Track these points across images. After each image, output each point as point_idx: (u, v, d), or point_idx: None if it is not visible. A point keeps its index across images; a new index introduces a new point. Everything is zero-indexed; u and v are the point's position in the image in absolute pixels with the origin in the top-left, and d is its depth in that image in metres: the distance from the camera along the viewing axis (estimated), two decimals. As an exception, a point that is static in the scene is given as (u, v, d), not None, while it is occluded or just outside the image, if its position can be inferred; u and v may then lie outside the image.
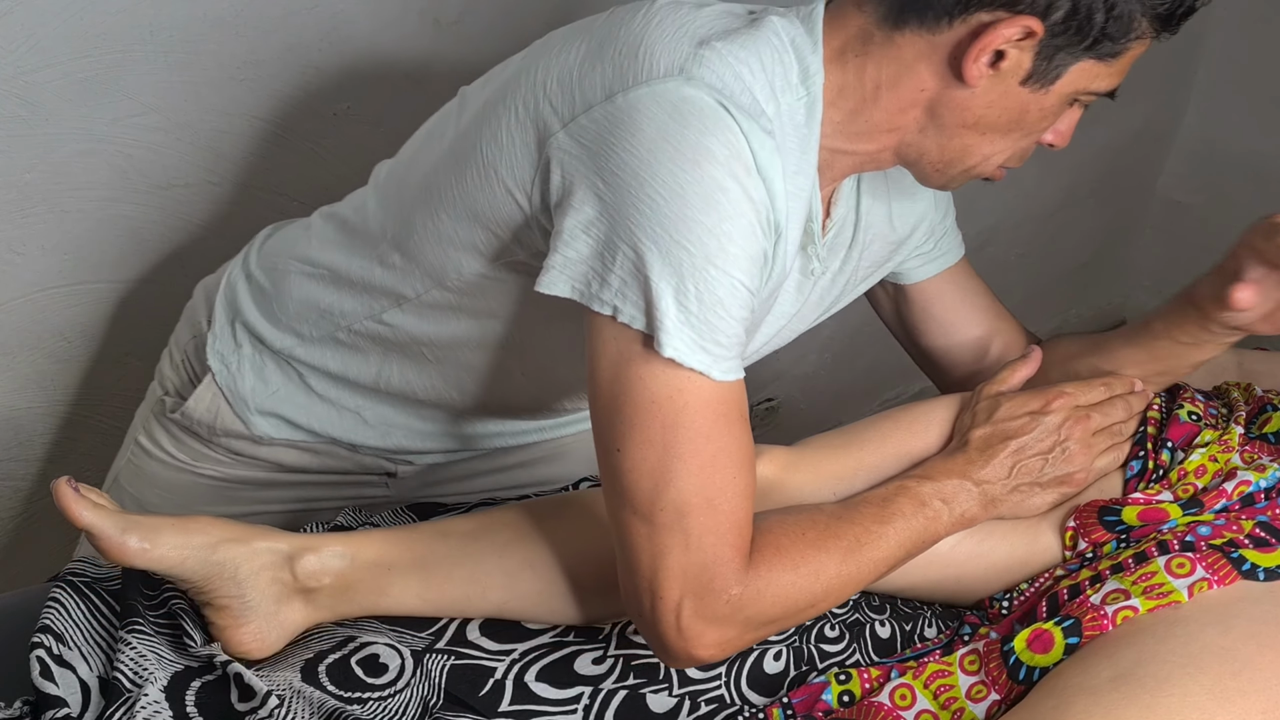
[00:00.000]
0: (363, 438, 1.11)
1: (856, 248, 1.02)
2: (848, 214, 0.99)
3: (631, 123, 0.77)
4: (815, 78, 0.84)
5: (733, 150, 0.77)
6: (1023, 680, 0.86)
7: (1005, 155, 0.90)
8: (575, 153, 0.80)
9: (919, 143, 0.88)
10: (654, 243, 0.76)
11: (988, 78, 0.82)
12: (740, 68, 0.80)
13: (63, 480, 0.85)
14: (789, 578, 0.84)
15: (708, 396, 0.79)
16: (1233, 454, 0.97)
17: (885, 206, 1.02)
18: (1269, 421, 1.03)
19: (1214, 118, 2.38)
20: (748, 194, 0.78)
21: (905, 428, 1.01)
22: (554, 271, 0.80)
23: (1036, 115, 0.86)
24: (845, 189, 0.98)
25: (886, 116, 0.86)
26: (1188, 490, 0.95)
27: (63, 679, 0.85)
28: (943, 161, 0.89)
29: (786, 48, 0.83)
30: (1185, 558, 0.88)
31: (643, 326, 0.78)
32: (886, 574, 0.91)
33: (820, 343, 2.18)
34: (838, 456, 1.00)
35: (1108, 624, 0.85)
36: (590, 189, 0.79)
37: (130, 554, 0.86)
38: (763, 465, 0.98)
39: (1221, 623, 0.82)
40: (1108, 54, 0.84)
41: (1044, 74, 0.83)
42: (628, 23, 0.83)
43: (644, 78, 0.79)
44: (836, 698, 0.91)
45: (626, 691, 0.92)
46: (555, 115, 0.82)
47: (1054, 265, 2.48)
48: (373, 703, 0.89)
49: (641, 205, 0.76)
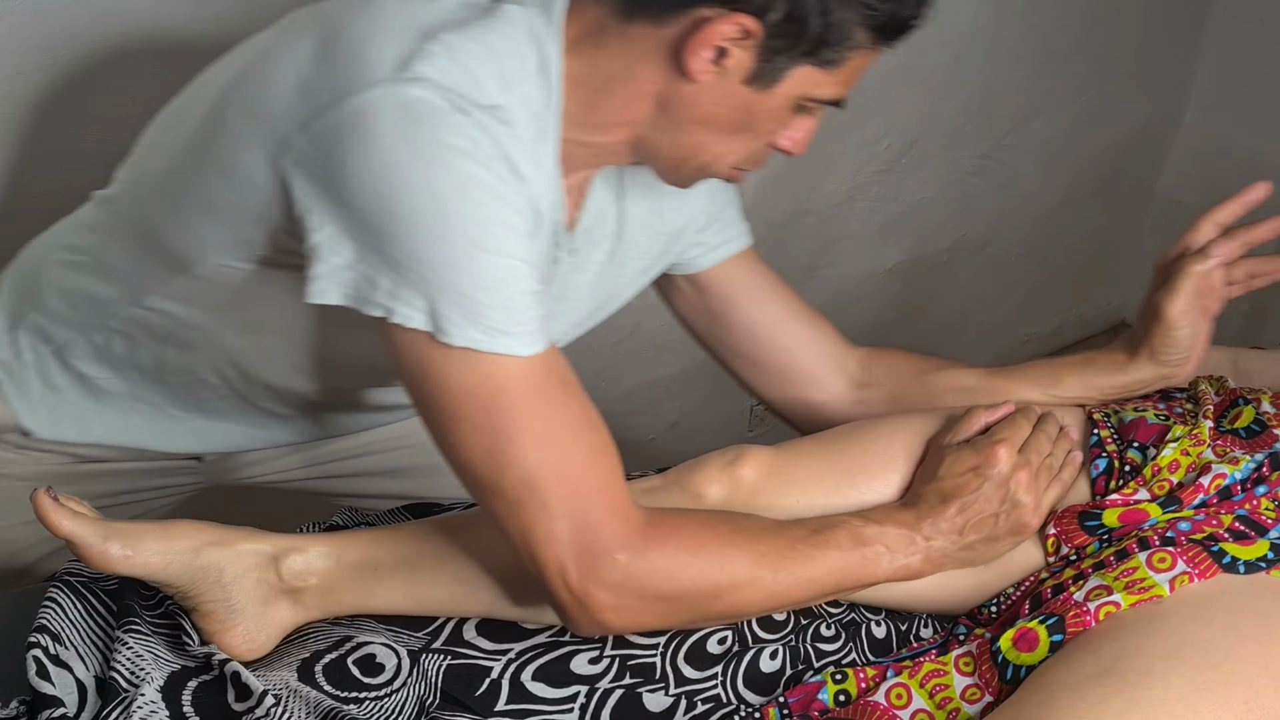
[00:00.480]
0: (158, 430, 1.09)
1: (624, 239, 1.01)
2: (606, 205, 0.98)
3: (364, 128, 0.76)
4: (553, 67, 0.83)
5: (473, 141, 0.77)
6: (1010, 680, 0.87)
7: (738, 156, 0.90)
8: (314, 158, 0.79)
9: (652, 138, 0.88)
10: (416, 243, 0.76)
11: (712, 75, 0.82)
12: (468, 60, 0.79)
13: (41, 490, 0.84)
14: (685, 559, 0.85)
15: (518, 374, 0.80)
16: (1204, 447, 0.97)
17: (654, 198, 1.01)
18: (1240, 416, 1.03)
19: (1214, 118, 2.38)
20: (499, 176, 0.78)
21: (892, 435, 1.02)
22: (321, 280, 0.79)
23: (763, 117, 0.86)
24: (603, 179, 0.97)
25: (619, 109, 0.86)
26: (1164, 487, 0.95)
27: (59, 679, 0.85)
28: (675, 158, 0.89)
29: (523, 37, 0.82)
30: (1166, 552, 0.88)
31: (426, 325, 0.78)
32: (815, 599, 0.92)
33: (820, 343, 2.18)
34: (823, 462, 1.00)
35: (1091, 620, 0.86)
36: (337, 198, 0.78)
37: (113, 561, 0.86)
38: (745, 468, 0.98)
39: (1202, 616, 0.82)
40: (828, 61, 0.83)
41: (765, 75, 0.83)
42: (356, 15, 0.81)
43: (371, 79, 0.77)
44: (833, 697, 0.91)
45: (623, 691, 0.92)
46: (290, 118, 0.80)
47: (1054, 265, 2.48)
48: (369, 702, 0.89)
49: (395, 209, 0.76)
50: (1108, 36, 2.16)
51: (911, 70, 1.90)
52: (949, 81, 1.98)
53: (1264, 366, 1.18)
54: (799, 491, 0.98)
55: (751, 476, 0.98)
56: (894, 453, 1.00)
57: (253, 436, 1.12)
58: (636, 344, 1.87)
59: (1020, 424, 0.98)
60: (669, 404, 2.01)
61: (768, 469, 0.99)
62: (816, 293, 2.10)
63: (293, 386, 1.04)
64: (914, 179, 2.07)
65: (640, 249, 1.03)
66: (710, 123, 0.86)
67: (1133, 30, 2.20)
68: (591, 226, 0.97)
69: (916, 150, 2.03)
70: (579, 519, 0.82)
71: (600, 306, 1.06)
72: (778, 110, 0.86)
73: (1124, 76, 2.25)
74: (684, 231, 1.06)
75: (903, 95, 1.93)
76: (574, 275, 0.99)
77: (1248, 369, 1.18)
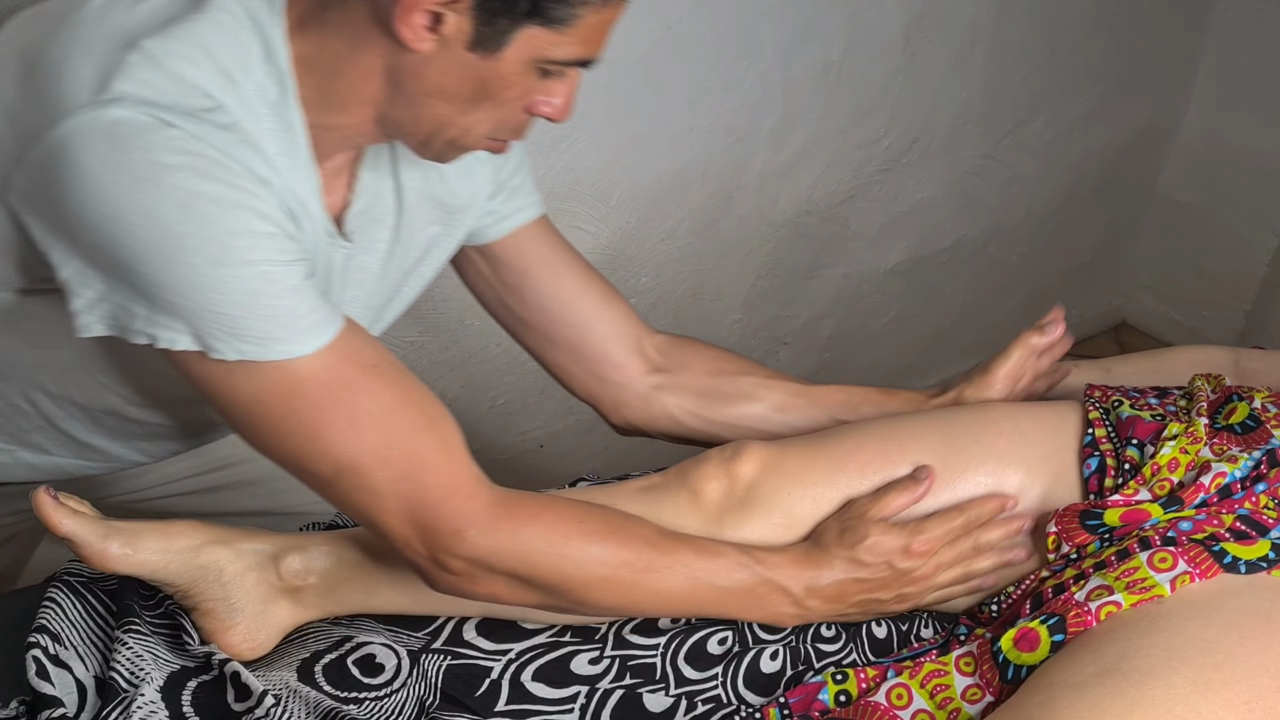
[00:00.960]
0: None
1: (406, 214, 0.97)
2: (379, 182, 0.94)
3: (71, 162, 0.72)
4: (280, 52, 0.79)
5: (189, 154, 0.73)
6: (1011, 680, 0.87)
7: (487, 126, 0.85)
8: (35, 195, 0.75)
9: (393, 114, 0.84)
10: (155, 271, 0.73)
11: (432, 43, 0.78)
12: (176, 63, 0.74)
13: (42, 489, 0.85)
14: (539, 546, 0.85)
15: (308, 372, 0.78)
16: (1202, 445, 0.97)
17: (434, 172, 0.97)
18: (1234, 412, 1.03)
19: (1214, 118, 2.38)
20: (227, 184, 0.74)
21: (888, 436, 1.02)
22: (83, 315, 0.77)
23: (499, 84, 0.81)
24: (372, 158, 0.93)
25: (352, 88, 0.82)
26: (1164, 487, 0.95)
27: (59, 679, 0.85)
28: (421, 133, 0.85)
29: (243, 25, 0.78)
30: (1167, 552, 0.88)
31: (194, 345, 0.76)
32: (677, 615, 0.93)
33: (820, 343, 2.19)
34: (820, 456, 1.00)
35: (1092, 620, 0.85)
36: (67, 234, 0.75)
37: (112, 560, 0.86)
38: (744, 463, 0.98)
39: (1203, 616, 0.82)
40: (556, 20, 0.78)
41: (489, 40, 0.78)
42: (54, 32, 0.76)
43: (69, 106, 0.72)
44: (833, 697, 0.91)
45: (623, 691, 0.92)
46: (5, 154, 0.76)
47: (1054, 265, 2.48)
48: (369, 702, 0.89)
49: (124, 241, 0.73)
50: (1108, 36, 2.16)
51: (911, 70, 1.90)
52: (949, 81, 1.98)
53: (1266, 366, 1.18)
54: (795, 484, 0.98)
55: (750, 471, 0.98)
56: (889, 446, 1.00)
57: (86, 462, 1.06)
58: (636, 344, 1.87)
59: (955, 520, 0.97)
60: (669, 404, 2.01)
61: (765, 464, 0.99)
62: (817, 292, 2.10)
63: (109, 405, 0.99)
64: (914, 179, 2.07)
65: (424, 221, 0.99)
66: (444, 94, 0.82)
67: (1133, 30, 2.19)
68: (367, 208, 0.94)
69: (917, 150, 2.03)
70: (412, 500, 0.82)
71: (399, 288, 1.02)
72: (514, 76, 0.81)
73: (1124, 76, 2.25)
74: (472, 201, 1.02)
75: (903, 95, 1.93)
76: (360, 258, 0.95)
77: (1250, 369, 1.18)
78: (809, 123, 1.84)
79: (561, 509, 0.88)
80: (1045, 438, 1.01)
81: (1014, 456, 1.00)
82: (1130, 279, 2.68)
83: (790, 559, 0.94)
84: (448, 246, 1.04)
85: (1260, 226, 2.37)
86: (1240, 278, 2.44)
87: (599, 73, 1.54)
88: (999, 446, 1.00)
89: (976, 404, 1.12)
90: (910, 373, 2.42)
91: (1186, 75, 2.37)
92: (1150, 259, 2.63)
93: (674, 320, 1.89)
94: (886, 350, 2.32)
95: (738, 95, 1.72)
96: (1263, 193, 2.33)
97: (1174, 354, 1.26)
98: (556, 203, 1.63)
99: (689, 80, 1.66)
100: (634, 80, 1.59)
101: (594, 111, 1.58)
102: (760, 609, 0.93)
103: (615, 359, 1.12)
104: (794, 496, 0.98)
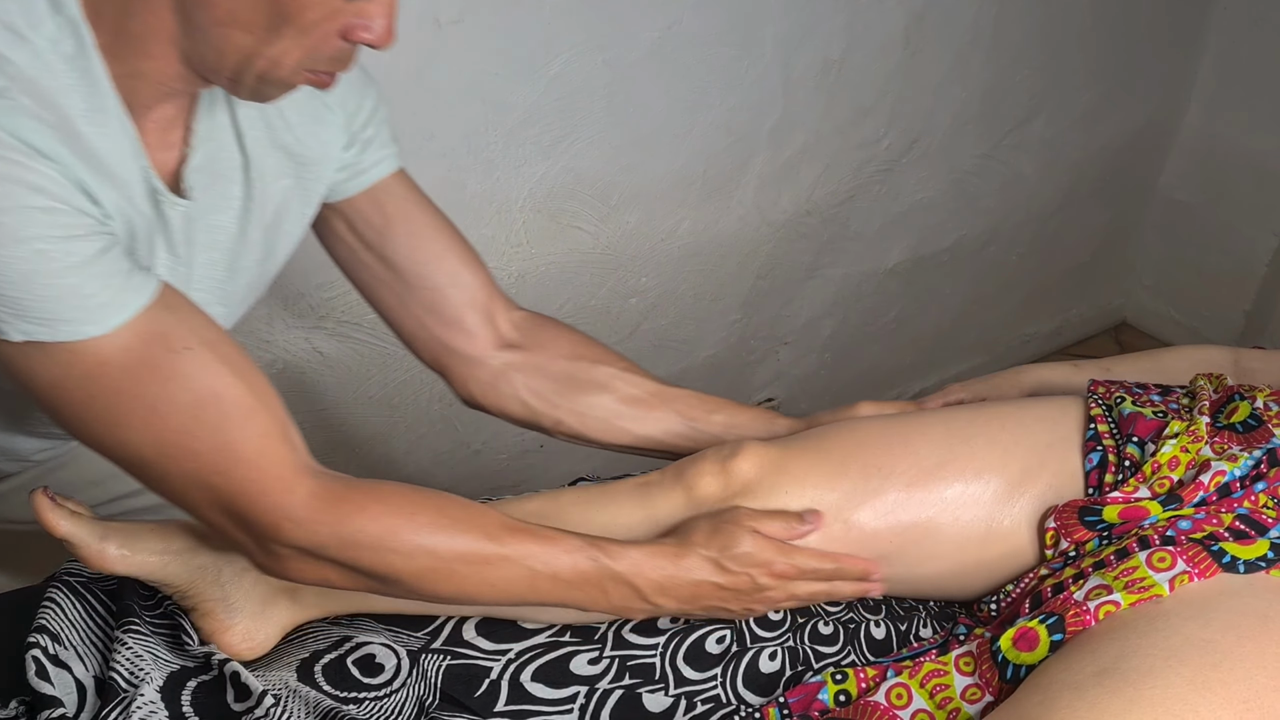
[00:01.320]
0: None
1: (254, 167, 0.92)
2: (219, 134, 0.89)
3: None
4: (66, 1, 0.74)
5: None
6: (1011, 679, 0.87)
7: (298, 56, 0.78)
8: None
9: (195, 51, 0.78)
10: None
11: None
12: None
13: (40, 490, 0.85)
14: (363, 539, 0.81)
15: (105, 354, 0.74)
16: (1202, 444, 0.97)
17: (277, 120, 0.92)
18: (1236, 411, 1.03)
19: (1214, 118, 2.38)
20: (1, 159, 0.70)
21: (889, 436, 1.02)
22: None
23: (293, 6, 0.76)
24: (208, 108, 0.87)
25: (146, 27, 0.77)
26: (1164, 485, 0.95)
27: (59, 679, 0.85)
28: (227, 69, 0.79)
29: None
30: (1166, 552, 0.88)
31: None
32: (521, 604, 0.90)
33: (820, 343, 2.19)
34: (822, 461, 1.00)
35: (1090, 619, 0.86)
36: None
37: (110, 561, 0.86)
38: (743, 462, 0.98)
39: (1202, 615, 0.83)
40: None
41: None
42: None
43: None
44: (833, 697, 0.91)
45: (622, 691, 0.92)
46: None
47: (1054, 265, 2.48)
48: (369, 702, 0.89)
49: None
50: (1108, 36, 2.16)
51: (911, 70, 1.90)
52: (949, 81, 1.98)
53: (1266, 366, 1.18)
54: (794, 485, 0.98)
55: (749, 471, 0.98)
56: (894, 445, 1.00)
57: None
58: (637, 344, 1.87)
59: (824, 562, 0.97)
60: (669, 404, 2.01)
61: (764, 463, 0.99)
62: (817, 292, 2.10)
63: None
64: (914, 179, 2.07)
65: (275, 173, 0.94)
66: (238, 21, 0.76)
67: (1133, 30, 2.19)
68: (208, 162, 0.88)
69: (917, 150, 2.03)
70: (224, 493, 0.78)
71: (269, 247, 0.97)
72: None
73: (1124, 76, 2.25)
74: (325, 153, 0.97)
75: (903, 95, 1.93)
76: (212, 217, 0.90)
77: (1250, 368, 1.18)
78: (809, 123, 1.84)
79: (391, 500, 0.84)
80: (1048, 429, 1.01)
81: (1017, 447, 1.00)
82: (1130, 279, 2.68)
83: (645, 554, 0.92)
84: (307, 201, 0.99)
85: (1260, 226, 2.37)
86: (1240, 278, 2.44)
87: (599, 73, 1.55)
88: (1002, 438, 1.00)
89: (978, 402, 1.12)
90: (910, 373, 2.42)
91: (1186, 75, 2.36)
92: (1150, 259, 2.63)
93: (674, 320, 1.89)
94: (886, 350, 2.32)
95: (738, 95, 1.72)
96: (1263, 193, 2.33)
97: (1174, 354, 1.26)
98: (556, 203, 1.63)
99: (689, 80, 1.65)
100: (634, 80, 1.59)
101: (594, 111, 1.58)
102: (606, 601, 0.91)
103: (467, 328, 1.07)
104: (790, 496, 0.98)
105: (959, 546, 0.98)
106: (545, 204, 1.62)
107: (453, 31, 1.39)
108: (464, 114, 1.46)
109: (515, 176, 1.56)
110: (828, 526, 0.98)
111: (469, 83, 1.44)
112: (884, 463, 0.99)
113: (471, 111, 1.46)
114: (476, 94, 1.45)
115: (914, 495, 0.98)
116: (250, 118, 0.90)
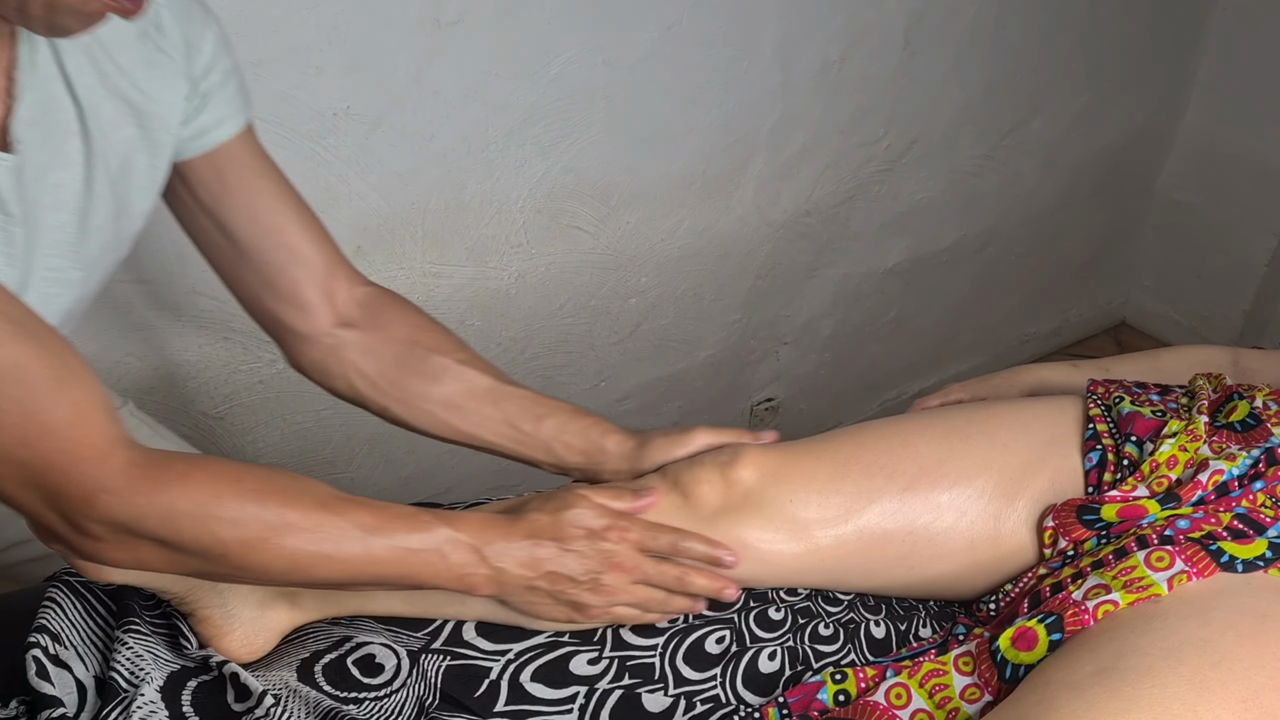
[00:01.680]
0: None
1: (91, 118, 0.86)
2: (48, 85, 0.84)
3: None
4: None
5: None
6: (1009, 679, 0.87)
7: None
8: None
9: None
10: None
11: None
12: None
13: None
14: (185, 507, 0.78)
15: None
16: (1201, 443, 0.97)
17: (108, 64, 0.87)
18: (1235, 410, 1.03)
19: (1213, 118, 2.38)
20: None
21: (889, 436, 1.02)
22: None
23: None
24: (30, 55, 0.82)
25: None
26: (1162, 484, 0.95)
27: (59, 679, 0.85)
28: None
29: None
30: (1164, 551, 0.88)
31: None
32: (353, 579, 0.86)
33: (820, 342, 2.19)
34: (823, 464, 1.00)
35: (1089, 619, 0.86)
36: None
37: (106, 570, 0.86)
38: (743, 469, 0.98)
39: (1200, 615, 0.83)
40: None
41: None
42: None
43: None
44: (832, 697, 0.91)
45: (622, 691, 0.92)
46: None
47: (1054, 265, 2.48)
48: (369, 703, 0.89)
49: None
50: (1108, 36, 2.16)
51: (911, 70, 1.90)
52: (949, 81, 1.98)
53: (1265, 366, 1.18)
54: (799, 490, 0.98)
55: (749, 478, 0.98)
56: (895, 445, 1.00)
57: None
58: (636, 344, 1.87)
59: (666, 536, 0.96)
60: (669, 404, 2.01)
61: (765, 470, 0.99)
62: (816, 292, 2.10)
63: None
64: (914, 179, 2.07)
65: (115, 122, 0.89)
66: None
67: (1133, 30, 2.20)
68: (38, 114, 0.83)
69: (916, 150, 2.03)
70: (32, 466, 0.74)
71: (118, 204, 0.92)
72: None
73: (1124, 76, 2.25)
74: (166, 99, 0.92)
75: (902, 95, 1.93)
76: (54, 175, 0.85)
77: (1249, 368, 1.18)
78: (809, 123, 1.84)
79: (215, 469, 0.80)
80: (1047, 428, 1.02)
81: (1016, 445, 1.00)
82: (1130, 279, 2.69)
83: (482, 519, 0.90)
84: (156, 153, 0.94)
85: (1260, 226, 2.37)
86: (1240, 278, 2.45)
87: (599, 73, 1.55)
88: (1002, 436, 1.00)
89: (977, 402, 1.12)
90: (910, 372, 2.42)
91: (1186, 75, 2.37)
92: (1150, 259, 2.63)
93: (674, 320, 1.90)
94: (886, 350, 2.32)
95: (738, 95, 1.72)
96: (1263, 193, 2.34)
97: (1173, 354, 1.26)
98: (556, 203, 1.63)
99: (689, 80, 1.66)
100: (634, 80, 1.59)
101: (594, 112, 1.58)
102: (448, 570, 0.88)
103: (302, 304, 1.03)
104: (796, 503, 0.98)
105: (970, 544, 0.99)
106: (545, 204, 1.62)
107: (453, 31, 1.39)
108: (464, 114, 1.46)
109: (515, 177, 1.56)
110: (839, 529, 0.98)
111: (469, 83, 1.44)
112: (885, 462, 0.99)
113: (471, 112, 1.47)
114: (476, 94, 1.46)
115: (918, 494, 0.98)
116: (79, 65, 0.85)
